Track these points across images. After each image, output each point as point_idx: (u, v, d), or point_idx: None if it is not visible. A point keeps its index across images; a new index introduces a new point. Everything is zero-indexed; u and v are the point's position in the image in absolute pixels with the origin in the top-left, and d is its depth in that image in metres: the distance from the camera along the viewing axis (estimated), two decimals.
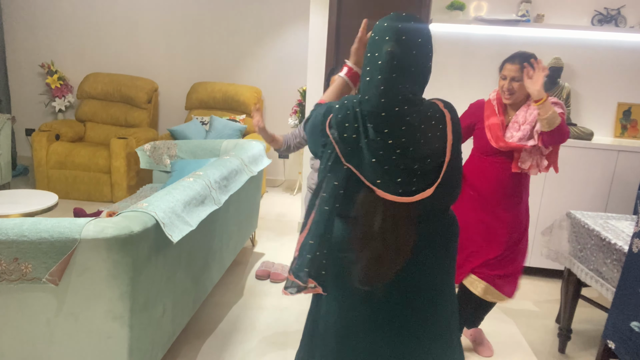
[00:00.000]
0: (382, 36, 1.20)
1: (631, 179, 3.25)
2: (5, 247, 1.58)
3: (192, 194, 2.12)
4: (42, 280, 1.61)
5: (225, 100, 4.77)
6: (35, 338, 1.70)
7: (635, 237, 1.84)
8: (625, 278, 1.88)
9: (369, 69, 1.20)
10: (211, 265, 2.53)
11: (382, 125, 1.17)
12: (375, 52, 1.19)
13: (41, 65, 5.06)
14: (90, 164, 4.40)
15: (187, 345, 2.39)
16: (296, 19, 4.86)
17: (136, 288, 1.69)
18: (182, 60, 5.11)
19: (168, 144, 3.77)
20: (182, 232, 1.89)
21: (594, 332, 2.78)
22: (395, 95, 1.17)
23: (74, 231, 1.60)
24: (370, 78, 1.18)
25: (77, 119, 4.97)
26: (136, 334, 1.74)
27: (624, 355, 1.88)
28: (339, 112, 1.21)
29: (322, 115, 1.25)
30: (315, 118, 1.29)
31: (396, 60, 1.18)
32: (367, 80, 1.19)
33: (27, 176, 5.19)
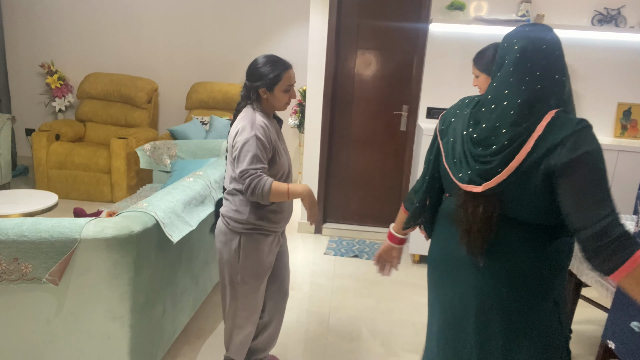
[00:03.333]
0: (512, 44, 1.23)
1: (631, 179, 3.25)
2: (5, 247, 1.58)
3: (192, 194, 2.12)
4: (42, 280, 1.61)
5: (225, 100, 4.77)
6: (35, 338, 1.70)
7: (636, 237, 1.84)
8: None
9: (499, 74, 1.24)
10: (211, 265, 2.53)
11: (481, 117, 1.25)
12: (505, 59, 1.23)
13: (41, 65, 5.05)
14: (90, 164, 4.40)
15: (187, 345, 2.39)
16: (296, 19, 4.86)
17: (136, 288, 1.69)
18: (182, 60, 5.11)
19: (168, 144, 3.77)
20: (182, 232, 1.89)
21: (594, 332, 2.78)
22: (505, 84, 1.22)
23: (74, 231, 1.60)
24: (498, 83, 1.24)
25: (77, 119, 4.97)
26: (136, 334, 1.74)
27: (624, 355, 1.88)
28: (455, 105, 1.38)
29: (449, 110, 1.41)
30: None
31: (525, 66, 1.20)
32: (494, 85, 1.24)
33: (27, 176, 5.19)
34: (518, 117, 1.17)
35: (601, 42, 3.43)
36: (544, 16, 3.39)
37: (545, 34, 1.20)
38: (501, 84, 1.22)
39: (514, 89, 1.19)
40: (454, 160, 1.28)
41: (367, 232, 4.07)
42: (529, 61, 1.19)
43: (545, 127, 1.14)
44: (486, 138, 1.20)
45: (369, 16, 3.78)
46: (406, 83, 3.83)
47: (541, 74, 1.18)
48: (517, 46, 1.20)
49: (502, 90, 1.21)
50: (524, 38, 1.21)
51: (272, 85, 1.76)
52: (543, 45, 1.19)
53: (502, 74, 1.22)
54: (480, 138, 1.22)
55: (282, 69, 1.76)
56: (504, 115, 1.19)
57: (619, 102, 3.55)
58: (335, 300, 2.96)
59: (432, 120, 3.66)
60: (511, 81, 1.20)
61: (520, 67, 1.19)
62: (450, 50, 3.54)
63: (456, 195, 1.29)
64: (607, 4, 3.38)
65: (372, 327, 2.69)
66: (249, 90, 1.79)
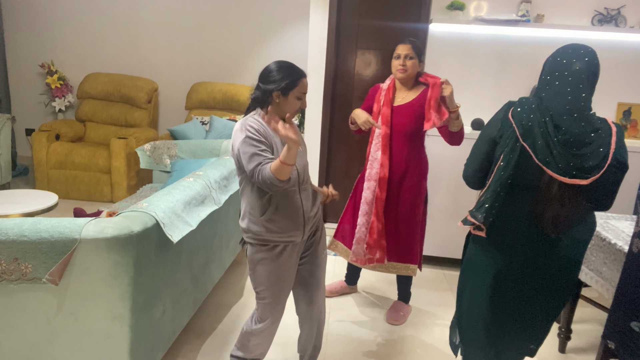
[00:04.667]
0: (570, 58, 1.59)
1: (631, 179, 3.25)
2: (5, 247, 1.58)
3: (192, 194, 2.12)
4: (42, 280, 1.61)
5: (225, 100, 4.77)
6: (35, 338, 1.70)
7: (635, 237, 1.84)
8: (625, 278, 1.88)
9: (557, 83, 1.57)
10: (211, 265, 2.53)
11: (562, 123, 1.53)
12: (565, 71, 1.57)
13: (41, 65, 5.05)
14: (90, 164, 4.40)
15: (187, 345, 2.39)
16: (296, 19, 4.86)
17: (136, 288, 1.69)
18: (182, 60, 5.11)
19: (168, 144, 3.77)
20: (182, 232, 1.89)
21: (594, 332, 2.78)
22: (577, 104, 1.54)
23: (74, 231, 1.60)
24: (558, 90, 1.56)
25: (77, 119, 4.97)
26: (136, 334, 1.74)
27: (624, 355, 1.88)
28: (519, 107, 1.62)
29: (504, 110, 1.67)
30: (496, 115, 1.71)
31: (581, 77, 1.56)
32: (555, 91, 1.57)
33: (27, 176, 5.19)
34: (597, 123, 1.54)
35: (601, 42, 3.43)
36: (544, 16, 3.39)
37: (592, 53, 1.62)
38: (576, 97, 1.54)
39: (587, 101, 1.55)
40: (546, 160, 1.53)
41: None
42: (594, 77, 1.58)
43: (616, 131, 1.55)
44: (578, 141, 1.51)
45: (369, 16, 3.78)
46: None
47: (594, 87, 1.60)
48: (579, 66, 1.56)
49: (579, 103, 1.54)
50: (581, 58, 1.58)
51: (288, 90, 1.72)
52: (595, 61, 1.59)
53: (572, 88, 1.54)
54: (573, 140, 1.51)
55: (298, 76, 1.74)
56: (587, 122, 1.53)
57: (619, 102, 3.55)
58: (335, 300, 2.96)
59: None
60: (584, 96, 1.54)
61: (590, 82, 1.57)
62: (450, 50, 3.54)
63: (544, 186, 1.57)
64: (607, 4, 3.38)
65: (372, 327, 2.69)
66: (264, 92, 1.74)
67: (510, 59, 3.52)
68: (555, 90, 1.56)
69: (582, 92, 1.54)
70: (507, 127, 1.61)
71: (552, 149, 1.52)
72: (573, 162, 1.50)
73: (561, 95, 1.55)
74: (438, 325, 2.75)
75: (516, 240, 1.67)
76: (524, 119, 1.58)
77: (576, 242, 1.65)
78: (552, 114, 1.54)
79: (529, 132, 1.56)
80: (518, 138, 1.57)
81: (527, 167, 1.58)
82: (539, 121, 1.55)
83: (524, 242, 1.66)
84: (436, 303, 3.01)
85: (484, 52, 3.52)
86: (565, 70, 1.56)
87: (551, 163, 1.52)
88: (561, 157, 1.51)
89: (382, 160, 2.52)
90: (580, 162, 1.51)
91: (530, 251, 1.66)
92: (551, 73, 1.60)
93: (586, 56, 1.58)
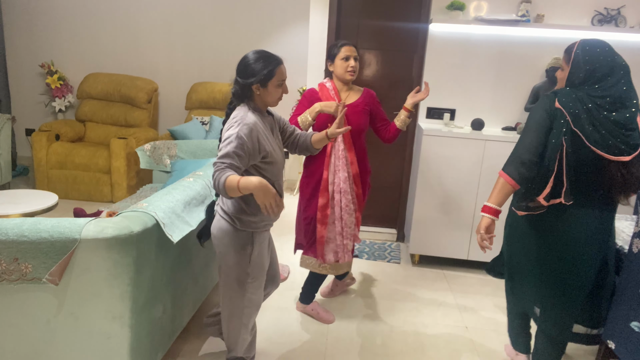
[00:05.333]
0: (608, 62, 1.81)
1: None
2: (5, 247, 1.58)
3: (192, 194, 2.12)
4: (42, 280, 1.61)
5: (225, 100, 4.77)
6: (35, 338, 1.70)
7: (635, 237, 1.84)
8: (625, 278, 1.88)
9: (598, 75, 1.80)
10: (211, 265, 2.53)
11: (615, 104, 1.78)
12: (612, 63, 1.81)
13: (41, 65, 5.05)
14: (90, 164, 4.40)
15: (187, 345, 2.39)
16: (296, 19, 4.86)
17: (136, 288, 1.69)
18: (182, 60, 5.11)
19: (168, 144, 3.77)
20: (182, 232, 1.89)
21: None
22: (620, 88, 1.79)
23: (74, 231, 1.60)
24: (600, 78, 1.81)
25: (77, 119, 4.97)
26: (136, 334, 1.74)
27: (624, 355, 1.88)
28: (563, 97, 1.82)
29: (548, 98, 1.86)
30: (541, 102, 1.88)
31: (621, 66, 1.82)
32: (598, 78, 1.81)
33: (27, 176, 5.19)
34: (636, 109, 1.79)
35: None
36: (544, 16, 3.39)
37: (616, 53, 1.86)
38: (618, 88, 1.79)
39: (631, 90, 1.81)
40: (599, 141, 1.77)
41: (367, 232, 4.06)
42: (629, 73, 1.82)
43: None
44: (626, 124, 1.76)
45: (369, 16, 3.78)
46: (406, 83, 3.83)
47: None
48: (617, 63, 1.81)
49: (621, 92, 1.78)
50: (615, 54, 1.83)
51: (266, 81, 1.76)
52: (624, 61, 1.83)
53: (612, 81, 1.79)
54: (624, 124, 1.76)
55: (274, 64, 1.76)
56: (631, 109, 1.78)
57: None
58: (335, 300, 2.96)
59: (432, 120, 3.66)
60: (625, 89, 1.79)
61: (628, 76, 1.81)
62: (450, 50, 3.54)
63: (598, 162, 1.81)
64: (607, 4, 3.38)
65: (372, 327, 2.69)
66: (243, 87, 1.78)
67: (510, 59, 3.52)
68: (610, 83, 1.80)
69: (625, 89, 1.80)
70: (558, 115, 1.81)
71: (601, 132, 1.78)
72: (621, 141, 1.77)
73: (615, 87, 1.80)
74: (438, 325, 2.75)
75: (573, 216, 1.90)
76: (570, 108, 1.80)
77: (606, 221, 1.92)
78: (599, 102, 1.80)
79: (576, 120, 1.78)
80: (570, 124, 1.79)
81: (580, 148, 1.80)
82: (586, 110, 1.79)
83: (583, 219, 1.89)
84: (436, 303, 3.01)
85: (484, 52, 3.53)
86: (615, 65, 1.81)
87: (599, 143, 1.78)
88: (614, 138, 1.77)
89: (351, 158, 2.52)
90: (628, 140, 1.77)
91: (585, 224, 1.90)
92: (601, 68, 1.81)
93: (617, 52, 1.85)
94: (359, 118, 2.52)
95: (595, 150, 1.77)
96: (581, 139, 1.78)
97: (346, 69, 2.45)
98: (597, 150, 1.77)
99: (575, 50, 1.85)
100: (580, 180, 1.84)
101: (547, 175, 1.82)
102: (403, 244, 3.97)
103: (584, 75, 1.82)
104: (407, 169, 3.93)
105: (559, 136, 1.79)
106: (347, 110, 2.46)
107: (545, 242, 1.95)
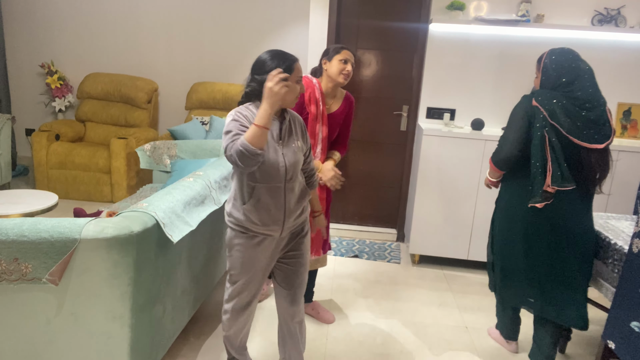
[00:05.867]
0: (571, 61, 2.08)
1: (631, 179, 3.25)
2: (5, 247, 1.58)
3: (192, 194, 2.12)
4: (42, 280, 1.61)
5: (225, 100, 4.77)
6: (35, 338, 1.70)
7: (635, 237, 1.84)
8: (625, 278, 1.88)
9: (565, 80, 2.06)
10: (211, 265, 2.53)
11: (584, 104, 2.02)
12: (577, 70, 2.06)
13: (41, 65, 5.05)
14: (90, 164, 4.40)
15: (187, 345, 2.39)
16: (296, 19, 4.86)
17: (136, 288, 1.69)
18: (182, 60, 5.11)
19: (168, 144, 3.77)
20: (182, 232, 1.89)
21: (594, 332, 2.78)
22: (586, 90, 2.04)
23: (74, 231, 1.60)
24: (567, 83, 2.06)
25: (77, 119, 4.97)
26: (136, 334, 1.74)
27: (624, 355, 1.88)
28: (539, 96, 2.06)
29: (526, 99, 2.11)
30: (520, 102, 2.13)
31: (585, 70, 2.08)
32: (566, 83, 2.06)
33: (27, 176, 5.19)
34: (604, 106, 2.04)
35: (601, 42, 3.43)
36: (544, 16, 3.39)
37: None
38: (585, 91, 2.03)
39: (597, 90, 2.05)
40: (575, 132, 2.00)
41: (367, 232, 4.07)
42: (593, 76, 2.06)
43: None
44: (598, 121, 2.01)
45: (368, 16, 3.78)
46: (406, 83, 3.83)
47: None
48: (582, 68, 2.07)
49: (588, 94, 2.03)
50: (580, 60, 2.09)
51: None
52: (588, 66, 2.09)
53: (579, 85, 2.04)
54: (596, 121, 2.01)
55: (291, 61, 1.72)
56: (600, 107, 2.03)
57: (619, 102, 3.55)
58: (335, 300, 2.96)
59: (432, 120, 3.67)
60: (591, 92, 2.03)
61: (593, 79, 2.05)
62: (450, 50, 3.54)
63: (576, 152, 2.04)
64: (607, 4, 3.38)
65: (372, 327, 2.69)
66: (261, 83, 1.69)
67: (510, 59, 3.52)
68: (577, 87, 2.05)
69: (596, 86, 2.05)
70: (536, 112, 2.05)
71: (579, 125, 2.01)
72: (595, 132, 2.02)
73: (582, 90, 2.04)
74: (438, 325, 2.75)
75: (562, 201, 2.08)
76: (549, 107, 2.03)
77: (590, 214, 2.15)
78: (572, 101, 2.03)
79: (554, 116, 2.02)
80: (547, 118, 2.02)
81: (560, 139, 2.03)
82: (564, 107, 2.03)
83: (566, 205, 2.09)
84: (436, 303, 3.01)
85: (484, 52, 3.53)
86: (579, 72, 2.06)
87: (576, 132, 2.01)
88: (589, 130, 2.01)
89: (322, 161, 2.49)
90: (601, 132, 2.02)
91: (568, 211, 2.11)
92: (567, 75, 2.07)
93: (581, 59, 2.11)
94: (337, 128, 2.53)
95: (573, 139, 2.01)
96: (559, 131, 2.02)
97: (342, 71, 2.37)
98: (575, 140, 2.01)
99: (544, 60, 2.13)
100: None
101: (545, 165, 2.02)
102: (403, 244, 3.97)
103: (553, 80, 2.08)
104: (407, 169, 3.93)
105: (540, 129, 2.03)
106: (329, 119, 2.46)
107: (543, 230, 2.13)
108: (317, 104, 2.39)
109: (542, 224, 2.11)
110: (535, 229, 2.13)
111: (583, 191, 2.09)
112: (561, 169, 2.00)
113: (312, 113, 2.38)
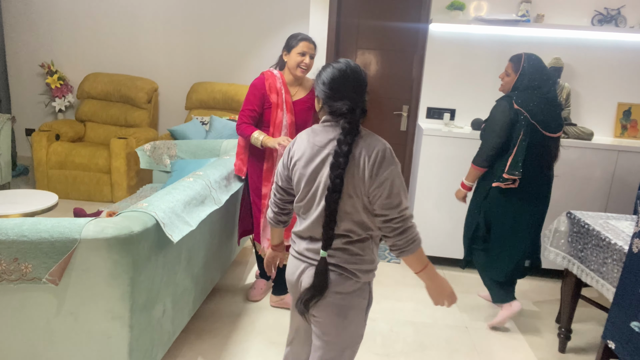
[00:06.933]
0: (544, 67, 2.52)
1: (631, 179, 3.25)
2: (5, 247, 1.58)
3: (192, 194, 2.12)
4: (42, 280, 1.61)
5: (225, 100, 4.77)
6: (35, 338, 1.70)
7: (635, 237, 1.84)
8: (625, 278, 1.88)
9: (536, 83, 2.48)
10: (211, 265, 2.53)
11: (553, 102, 2.51)
12: (545, 72, 2.51)
13: (41, 65, 5.05)
14: (90, 164, 4.40)
15: (187, 345, 2.39)
16: (296, 19, 4.86)
17: (136, 288, 1.69)
18: (182, 60, 5.11)
19: (168, 144, 3.77)
20: (182, 232, 1.88)
21: (594, 332, 2.78)
22: (553, 92, 2.52)
23: (74, 231, 1.60)
24: (538, 85, 2.48)
25: (77, 119, 4.97)
26: (136, 334, 1.74)
27: (624, 355, 1.88)
28: (519, 99, 2.45)
29: (507, 102, 2.47)
30: (500, 106, 2.50)
31: (551, 75, 2.59)
32: (537, 85, 2.48)
33: (27, 176, 5.19)
34: (560, 104, 2.56)
35: (601, 42, 3.43)
36: (544, 16, 3.39)
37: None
38: (552, 92, 2.50)
39: (555, 92, 2.55)
40: (547, 126, 2.46)
41: None
42: (556, 81, 2.72)
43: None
44: (556, 117, 2.49)
45: (369, 16, 3.78)
46: (406, 83, 3.83)
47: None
48: (549, 73, 2.55)
49: (553, 94, 2.51)
50: (546, 67, 2.54)
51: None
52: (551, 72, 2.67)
53: (545, 89, 2.48)
54: (558, 114, 2.50)
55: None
56: (560, 106, 2.54)
57: (619, 102, 3.55)
58: None
59: (432, 120, 3.67)
60: (554, 93, 2.53)
61: (555, 84, 2.45)
62: (450, 50, 3.54)
63: (543, 142, 2.49)
64: (607, 4, 3.38)
65: (372, 327, 2.69)
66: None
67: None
68: (544, 90, 2.49)
69: (555, 89, 2.66)
70: (519, 113, 2.43)
71: (547, 121, 2.45)
72: (554, 122, 2.48)
73: (550, 92, 2.51)
74: (438, 325, 2.75)
75: (531, 182, 2.52)
76: (527, 107, 2.43)
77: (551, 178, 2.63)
78: (540, 102, 2.46)
79: (532, 114, 2.42)
80: (529, 119, 2.42)
81: (535, 133, 2.45)
82: (536, 107, 2.44)
83: (536, 183, 2.54)
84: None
85: (484, 52, 3.53)
86: (550, 76, 2.54)
87: (546, 125, 2.47)
88: (552, 124, 2.47)
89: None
90: (557, 123, 2.49)
91: (537, 186, 2.56)
92: (539, 78, 2.48)
93: (547, 68, 2.57)
94: (305, 115, 2.56)
95: (545, 133, 2.46)
96: (536, 127, 2.44)
97: (299, 64, 2.42)
98: (546, 133, 2.46)
99: (522, 63, 2.48)
100: (529, 158, 2.46)
101: (507, 157, 2.47)
102: None
103: (527, 82, 2.46)
104: (407, 169, 3.93)
105: (520, 128, 2.42)
106: (295, 107, 2.52)
107: (521, 205, 2.57)
108: (277, 93, 2.48)
109: (524, 197, 2.55)
110: (521, 202, 2.57)
111: (543, 176, 2.55)
112: (517, 161, 2.42)
113: (273, 102, 2.47)
